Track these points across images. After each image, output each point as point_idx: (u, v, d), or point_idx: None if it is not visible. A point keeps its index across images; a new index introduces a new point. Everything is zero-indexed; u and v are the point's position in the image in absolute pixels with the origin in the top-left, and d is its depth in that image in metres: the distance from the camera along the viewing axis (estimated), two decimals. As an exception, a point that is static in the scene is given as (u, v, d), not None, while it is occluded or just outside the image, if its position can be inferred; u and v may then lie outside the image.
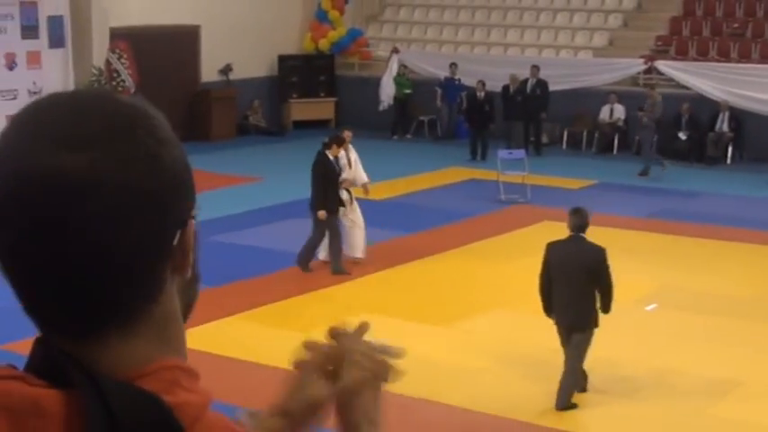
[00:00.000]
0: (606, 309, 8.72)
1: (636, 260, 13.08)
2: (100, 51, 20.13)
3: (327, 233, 12.28)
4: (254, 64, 23.05)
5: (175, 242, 1.10)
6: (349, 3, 24.59)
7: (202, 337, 9.56)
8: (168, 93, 20.82)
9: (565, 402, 8.51)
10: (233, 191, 16.77)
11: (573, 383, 8.60)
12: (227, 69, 22.52)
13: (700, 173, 19.15)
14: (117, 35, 20.27)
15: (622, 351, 9.94)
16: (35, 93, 18.65)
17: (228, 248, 12.82)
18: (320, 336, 1.55)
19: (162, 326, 1.13)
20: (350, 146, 13.16)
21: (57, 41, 19.16)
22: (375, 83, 22.95)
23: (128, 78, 20.04)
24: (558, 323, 8.77)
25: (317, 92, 23.89)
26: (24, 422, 1.02)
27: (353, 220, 12.71)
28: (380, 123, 22.46)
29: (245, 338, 9.80)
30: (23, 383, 1.04)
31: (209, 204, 14.67)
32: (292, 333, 10.14)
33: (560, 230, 14.44)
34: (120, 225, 1.03)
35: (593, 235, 13.84)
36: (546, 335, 10.28)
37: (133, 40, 20.29)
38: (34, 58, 18.87)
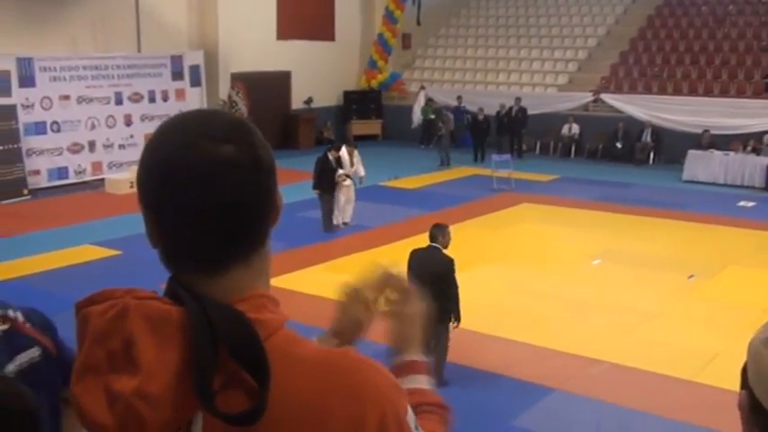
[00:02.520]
0: (455, 315, 7.05)
1: (586, 230, 12.98)
2: (224, 89, 20.22)
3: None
4: (327, 97, 23.09)
5: (277, 202, 1.16)
6: (391, 55, 24.54)
7: (290, 281, 9.61)
8: (269, 116, 20.89)
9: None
10: (311, 183, 16.77)
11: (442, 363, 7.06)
12: (309, 101, 22.59)
13: (631, 170, 18.93)
14: (236, 77, 20.34)
15: (576, 290, 9.83)
16: (180, 117, 18.76)
17: (309, 221, 12.83)
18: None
19: (261, 265, 1.16)
20: (355, 152, 13.45)
21: (195, 82, 19.22)
22: (408, 110, 22.91)
23: (243, 107, 20.07)
24: None
25: (369, 115, 23.92)
26: (159, 327, 1.06)
27: (349, 198, 13.10)
28: (412, 137, 22.54)
29: (317, 281, 9.76)
30: (160, 302, 1.09)
31: (296, 192, 14.82)
32: (348, 276, 10.22)
33: (535, 210, 14.53)
34: (253, 189, 1.11)
35: (561, 214, 13.99)
36: (523, 281, 10.28)
37: (246, 81, 20.33)
38: (180, 94, 18.95)
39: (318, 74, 22.49)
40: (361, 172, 13.61)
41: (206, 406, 1.04)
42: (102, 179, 16.63)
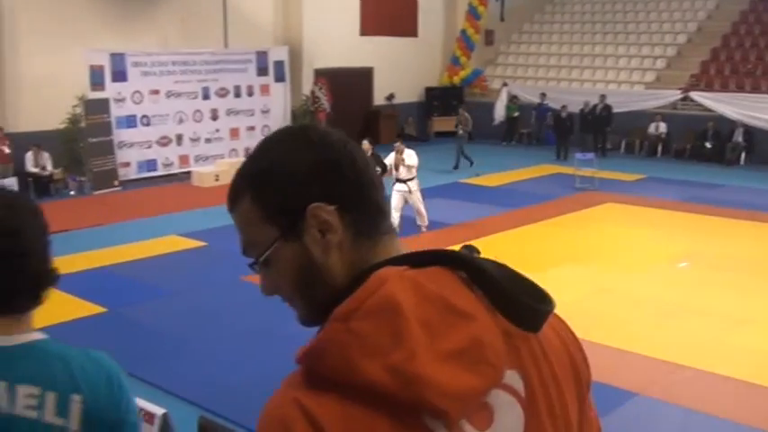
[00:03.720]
0: None
1: (672, 232, 12.65)
2: (307, 84, 20.48)
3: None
4: (409, 93, 23.13)
5: None
6: (474, 51, 24.39)
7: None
8: (351, 112, 21.09)
9: None
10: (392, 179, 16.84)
11: None
12: (391, 97, 22.67)
13: (720, 171, 18.35)
14: (319, 73, 20.57)
15: (661, 293, 9.59)
16: (264, 112, 19.11)
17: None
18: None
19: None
20: (406, 150, 12.16)
21: (279, 78, 19.52)
22: (490, 106, 22.72)
23: (325, 103, 20.31)
24: None
25: (450, 112, 23.67)
26: (450, 284, 1.10)
27: (395, 205, 11.92)
28: (493, 134, 22.36)
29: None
30: (425, 270, 1.12)
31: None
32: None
33: (619, 210, 14.24)
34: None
35: (646, 215, 13.68)
36: (605, 282, 10.09)
37: (330, 77, 20.54)
38: (265, 89, 19.27)
39: (400, 70, 22.54)
40: (408, 163, 12.05)
41: (513, 303, 1.11)
42: (189, 172, 17.07)
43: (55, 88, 15.53)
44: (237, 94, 18.73)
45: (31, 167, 15.32)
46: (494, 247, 11.67)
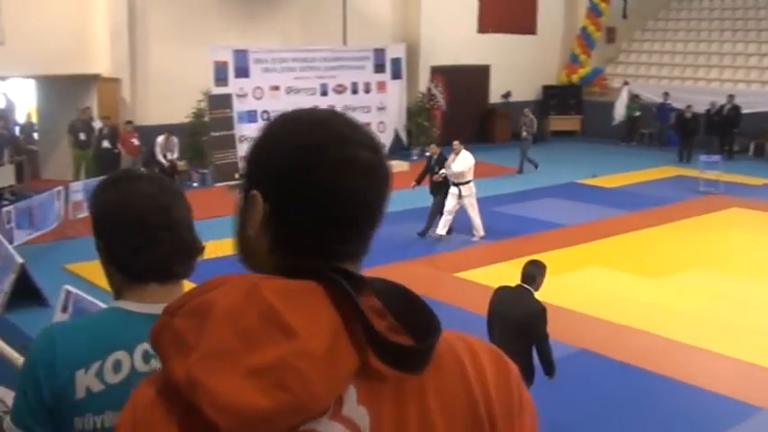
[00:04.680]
0: (548, 372, 5.62)
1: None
2: (424, 82, 20.50)
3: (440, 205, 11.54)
4: (526, 91, 22.79)
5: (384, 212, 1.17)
6: (594, 49, 23.82)
7: (478, 276, 9.56)
8: (467, 110, 20.99)
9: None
10: (507, 178, 16.65)
11: None
12: (507, 95, 22.43)
13: None
14: (436, 71, 20.57)
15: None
16: (381, 109, 19.24)
17: (504, 217, 12.73)
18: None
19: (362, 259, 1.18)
20: (463, 151, 11.46)
21: (396, 75, 19.60)
22: (609, 106, 22.09)
23: (441, 100, 20.29)
24: None
25: (568, 111, 23.37)
26: (302, 294, 1.03)
27: (449, 208, 11.48)
28: (612, 134, 21.78)
29: (504, 277, 9.66)
30: (289, 280, 1.05)
31: (492, 187, 14.67)
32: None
33: (746, 215, 13.58)
34: (387, 190, 1.14)
35: None
36: (729, 289, 9.63)
37: (446, 75, 20.50)
38: (381, 86, 19.39)
39: (518, 68, 22.25)
40: (453, 168, 11.44)
41: (379, 342, 1.02)
42: (306, 167, 17.37)
43: (181, 84, 16.15)
44: (354, 91, 18.92)
45: (159, 153, 15.95)
46: (610, 251, 11.36)
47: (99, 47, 16.00)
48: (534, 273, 5.67)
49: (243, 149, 17.04)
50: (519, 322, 5.48)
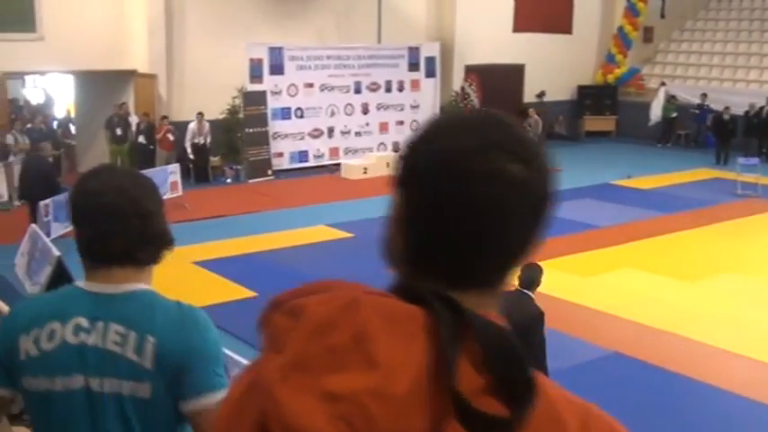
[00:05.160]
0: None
1: None
2: (458, 80, 20.42)
3: None
4: (560, 91, 22.63)
5: (537, 239, 1.03)
6: (631, 49, 23.55)
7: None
8: (501, 109, 20.58)
9: None
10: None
11: None
12: (541, 94, 22.30)
13: None
14: (470, 70, 20.48)
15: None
16: (414, 107, 19.21)
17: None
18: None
19: (499, 292, 1.04)
20: None
21: (430, 73, 19.57)
22: (646, 106, 21.83)
23: (475, 99, 20.20)
24: None
25: (603, 111, 23.14)
26: (400, 323, 0.93)
27: None
28: (648, 135, 21.51)
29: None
30: (391, 299, 0.97)
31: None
32: (578, 278, 9.94)
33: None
34: (532, 213, 1.00)
35: None
36: (762, 292, 9.46)
37: (480, 73, 20.39)
38: (415, 85, 19.37)
39: (553, 67, 22.08)
40: None
41: (462, 404, 0.90)
42: (338, 164, 17.42)
43: (217, 80, 16.25)
44: (388, 89, 18.92)
45: (188, 141, 16.03)
46: (644, 253, 11.22)
47: (136, 43, 16.17)
48: (531, 276, 5.66)
49: (276, 146, 17.13)
50: (518, 326, 5.37)
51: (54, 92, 21.19)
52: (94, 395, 1.87)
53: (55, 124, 18.41)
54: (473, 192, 0.97)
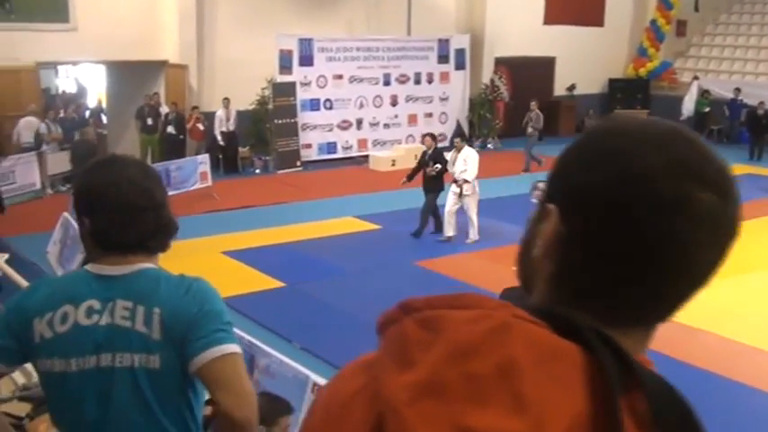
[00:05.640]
0: None
1: None
2: (487, 73, 20.33)
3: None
4: (591, 84, 22.46)
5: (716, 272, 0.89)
6: (663, 43, 23.27)
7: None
8: (531, 102, 20.69)
9: None
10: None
11: None
12: (572, 87, 22.14)
13: None
14: (499, 62, 20.38)
15: None
16: (443, 99, 19.15)
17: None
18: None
19: (652, 332, 0.93)
20: (465, 149, 10.99)
21: (459, 65, 19.49)
22: (678, 100, 21.58)
23: (505, 92, 20.10)
24: None
25: (634, 105, 22.87)
26: (553, 361, 0.79)
27: (450, 209, 10.73)
28: (680, 129, 21.23)
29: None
30: (543, 329, 0.82)
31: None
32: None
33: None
34: (723, 248, 0.90)
35: None
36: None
37: (510, 66, 20.29)
38: (444, 77, 19.31)
39: (584, 60, 21.89)
40: (468, 175, 10.78)
41: None
42: (367, 156, 17.42)
43: (247, 71, 16.31)
44: (417, 81, 18.87)
45: (218, 129, 16.13)
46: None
47: (167, 34, 16.28)
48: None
49: (305, 137, 17.18)
50: None
51: (86, 82, 21.41)
52: (108, 371, 1.95)
53: (87, 114, 18.60)
54: (657, 222, 0.84)
